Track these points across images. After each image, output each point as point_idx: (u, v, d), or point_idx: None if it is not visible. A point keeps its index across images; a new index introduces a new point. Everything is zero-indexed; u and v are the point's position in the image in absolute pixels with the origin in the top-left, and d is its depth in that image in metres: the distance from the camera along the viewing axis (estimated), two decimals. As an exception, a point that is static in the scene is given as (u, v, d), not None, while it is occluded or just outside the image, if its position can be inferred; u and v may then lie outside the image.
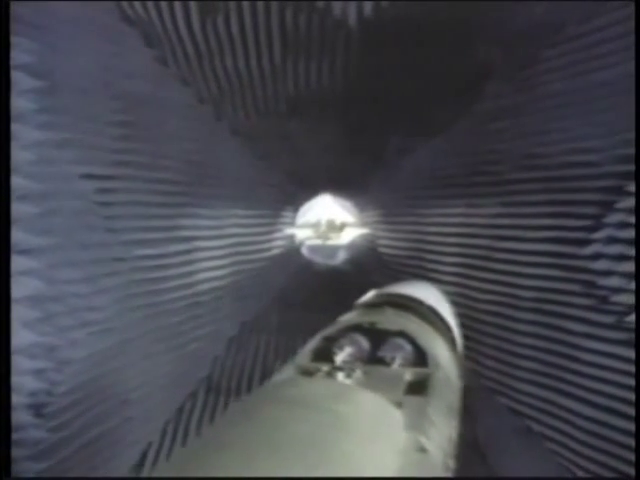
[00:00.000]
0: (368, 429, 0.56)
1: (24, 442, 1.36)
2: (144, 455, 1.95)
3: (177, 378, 2.13)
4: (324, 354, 0.92)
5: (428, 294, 1.27)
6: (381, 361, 0.92)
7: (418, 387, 0.77)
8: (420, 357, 0.92)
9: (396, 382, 0.77)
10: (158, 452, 1.97)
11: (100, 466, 1.69)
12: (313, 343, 0.96)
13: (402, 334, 0.96)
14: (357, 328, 0.99)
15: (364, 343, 0.96)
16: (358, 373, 0.78)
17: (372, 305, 1.16)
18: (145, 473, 1.92)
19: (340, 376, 0.76)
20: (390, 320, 1.01)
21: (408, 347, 0.94)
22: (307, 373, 0.80)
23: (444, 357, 0.93)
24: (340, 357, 0.90)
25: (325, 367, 0.80)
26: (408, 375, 0.82)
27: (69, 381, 1.49)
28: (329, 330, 0.99)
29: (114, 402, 1.73)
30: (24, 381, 1.33)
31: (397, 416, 0.61)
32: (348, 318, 1.06)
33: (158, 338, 1.94)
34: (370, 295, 1.30)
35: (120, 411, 1.76)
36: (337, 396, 0.62)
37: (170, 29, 1.73)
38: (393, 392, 0.71)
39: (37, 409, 1.39)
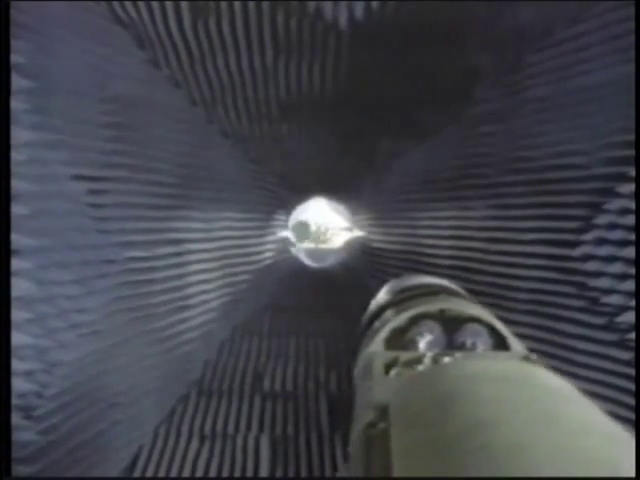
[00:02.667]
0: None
1: (13, 445, 1.35)
2: (135, 458, 1.95)
3: (168, 381, 2.13)
4: (398, 344, 0.90)
5: (449, 283, 1.23)
6: (462, 347, 0.89)
7: None
8: (498, 341, 0.89)
9: None
10: (149, 455, 1.97)
11: (91, 469, 1.67)
12: (382, 334, 0.92)
13: (476, 319, 0.93)
14: (425, 316, 0.95)
15: (437, 330, 0.93)
16: (460, 357, 0.74)
17: (419, 295, 1.08)
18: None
19: (446, 360, 0.72)
20: (456, 306, 0.97)
21: (485, 332, 0.91)
22: (413, 360, 0.75)
23: (517, 341, 0.91)
24: (422, 345, 0.87)
25: (429, 353, 0.75)
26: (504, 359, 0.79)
27: (59, 383, 1.47)
28: (396, 321, 0.95)
29: (104, 405, 1.72)
30: (14, 383, 1.32)
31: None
32: (399, 313, 0.98)
33: (149, 341, 1.94)
34: (388, 289, 1.24)
35: (110, 414, 1.75)
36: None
37: (162, 31, 1.73)
38: None
39: (27, 411, 1.38)
